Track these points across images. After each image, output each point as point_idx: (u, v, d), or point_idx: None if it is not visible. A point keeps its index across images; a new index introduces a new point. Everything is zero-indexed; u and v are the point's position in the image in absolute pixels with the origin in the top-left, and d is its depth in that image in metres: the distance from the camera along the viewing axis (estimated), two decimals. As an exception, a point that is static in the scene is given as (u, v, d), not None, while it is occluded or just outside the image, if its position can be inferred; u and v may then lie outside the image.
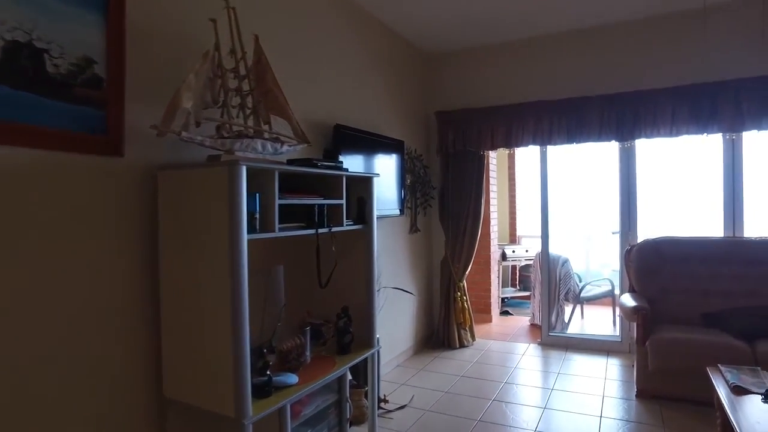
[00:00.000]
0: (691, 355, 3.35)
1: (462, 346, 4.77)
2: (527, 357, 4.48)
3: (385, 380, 3.91)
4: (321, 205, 2.41)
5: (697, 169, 5.43)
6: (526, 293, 6.77)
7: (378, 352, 3.16)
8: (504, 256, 6.63)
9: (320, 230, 2.38)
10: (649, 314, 3.57)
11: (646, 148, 4.53)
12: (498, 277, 6.59)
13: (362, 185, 2.80)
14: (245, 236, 1.88)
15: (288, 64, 2.97)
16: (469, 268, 4.82)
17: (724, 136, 4.07)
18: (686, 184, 5.66)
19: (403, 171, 4.27)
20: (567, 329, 5.53)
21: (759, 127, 3.82)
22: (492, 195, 6.23)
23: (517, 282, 7.32)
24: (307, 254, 2.63)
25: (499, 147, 4.57)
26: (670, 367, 3.43)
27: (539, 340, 4.88)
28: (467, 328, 4.84)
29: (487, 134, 4.57)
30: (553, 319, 5.57)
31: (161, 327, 2.10)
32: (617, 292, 6.15)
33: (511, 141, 4.50)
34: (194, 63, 2.02)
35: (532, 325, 5.84)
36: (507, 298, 6.93)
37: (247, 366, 1.90)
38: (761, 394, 2.43)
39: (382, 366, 4.04)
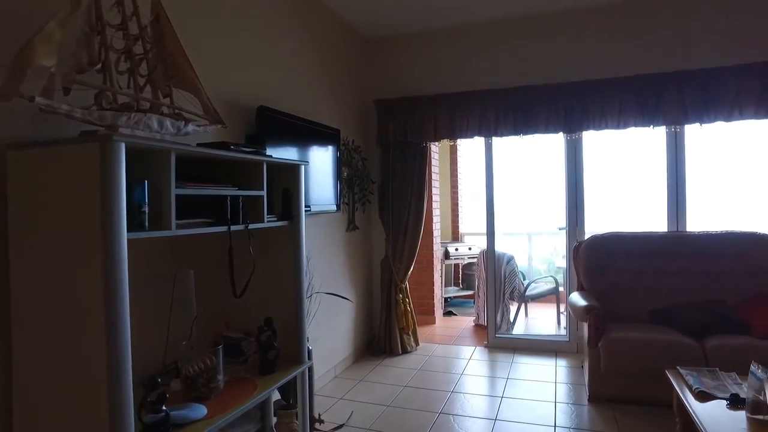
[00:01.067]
0: (645, 356, 3.19)
1: (405, 352, 4.45)
2: (474, 362, 4.22)
3: (320, 395, 3.52)
4: (235, 197, 1.99)
5: (642, 163, 5.39)
6: (470, 292, 6.57)
7: (310, 367, 2.77)
8: (447, 255, 6.38)
9: (233, 227, 1.96)
10: (601, 314, 3.38)
11: (592, 141, 4.38)
12: (441, 276, 6.34)
13: (288, 175, 2.40)
14: (125, 235, 1.43)
15: (200, 30, 2.51)
16: (411, 269, 4.51)
17: (668, 130, 3.96)
18: (632, 178, 5.62)
19: (339, 163, 3.89)
20: (513, 329, 5.34)
21: (701, 121, 3.74)
22: (434, 191, 5.97)
23: (461, 281, 7.10)
24: (225, 255, 2.19)
25: (443, 138, 4.27)
26: (623, 368, 3.25)
27: (486, 342, 4.64)
28: (410, 333, 4.52)
29: (430, 124, 4.27)
30: (499, 318, 5.37)
31: (12, 355, 1.60)
32: (561, 289, 6.07)
33: (455, 132, 4.22)
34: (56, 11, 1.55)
35: (477, 326, 5.62)
36: (450, 297, 6.70)
37: (130, 402, 1.45)
38: (726, 399, 2.23)
39: (318, 379, 3.64)
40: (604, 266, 3.87)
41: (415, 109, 4.31)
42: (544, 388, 3.59)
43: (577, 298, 3.64)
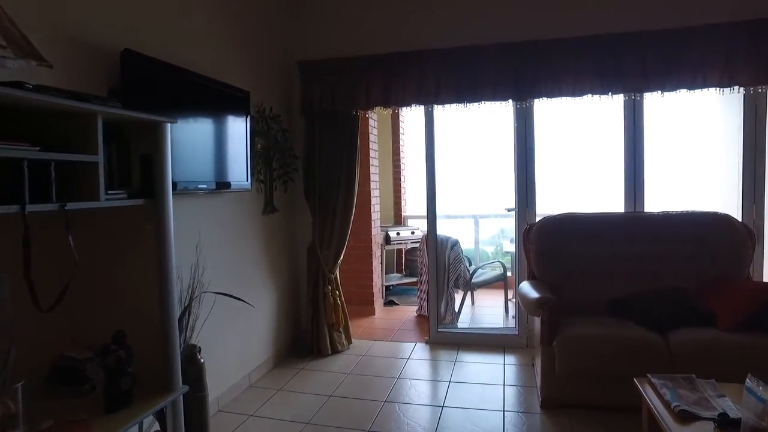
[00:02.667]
0: (606, 355, 2.77)
1: (335, 351, 3.88)
2: (414, 362, 3.71)
3: (226, 412, 2.91)
4: (35, 162, 1.33)
5: (598, 138, 4.99)
6: (413, 279, 6.07)
7: (201, 396, 2.17)
8: (387, 240, 5.84)
9: (34, 207, 1.31)
10: (556, 308, 2.92)
11: (544, 112, 3.90)
12: (381, 263, 5.81)
13: (149, 137, 1.74)
14: None
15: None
16: (341, 257, 3.93)
17: (626, 98, 3.53)
18: (587, 155, 5.22)
19: (253, 133, 3.24)
20: (458, 320, 4.88)
21: (662, 88, 3.32)
22: (373, 170, 5.39)
23: (403, 267, 6.60)
24: (60, 247, 1.54)
25: (376, 106, 3.68)
26: (581, 369, 2.81)
27: (427, 338, 4.14)
28: (341, 330, 3.96)
29: (361, 90, 3.66)
30: (443, 309, 4.90)
31: None
32: (510, 274, 5.67)
33: (389, 99, 3.63)
34: None
35: (420, 317, 5.14)
36: (392, 285, 6.18)
37: None
38: (713, 420, 1.79)
39: (227, 391, 3.03)
40: (558, 251, 3.42)
41: (345, 72, 3.70)
42: (492, 393, 3.12)
43: (528, 290, 3.17)
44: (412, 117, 6.86)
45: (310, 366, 3.65)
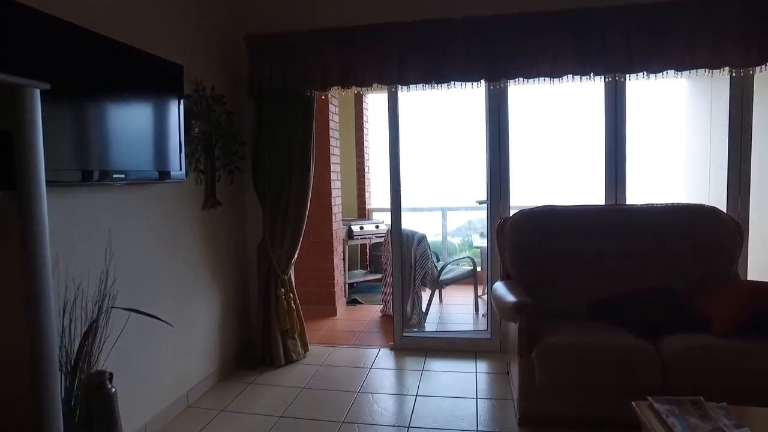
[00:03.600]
0: (592, 365, 2.46)
1: (290, 361, 3.46)
2: (376, 372, 3.32)
3: (156, 442, 2.46)
4: None
5: (576, 126, 4.67)
6: (378, 276, 5.68)
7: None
8: (350, 234, 5.43)
9: None
10: (535, 313, 2.57)
11: (519, 98, 3.55)
12: (344, 259, 5.39)
13: (5, 108, 1.28)
14: None
15: None
16: (295, 255, 3.49)
17: (607, 80, 3.21)
18: (564, 143, 4.90)
19: (187, 114, 2.76)
20: (425, 320, 4.53)
21: (648, 69, 3.00)
22: (334, 160, 4.96)
23: (368, 263, 6.20)
24: None
25: (333, 86, 3.25)
26: (564, 381, 2.49)
27: (391, 343, 3.75)
28: (297, 337, 3.53)
29: (316, 68, 3.22)
30: (409, 308, 4.53)
31: None
32: (479, 269, 5.34)
33: (348, 78, 3.20)
34: None
35: (385, 316, 4.76)
36: (356, 282, 5.78)
37: None
38: (733, 459, 1.46)
39: (159, 413, 2.58)
40: (535, 248, 3.08)
41: (298, 48, 3.24)
42: (463, 409, 2.76)
43: (503, 292, 2.82)
44: (377, 104, 6.45)
45: (260, 379, 3.21)
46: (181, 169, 2.61)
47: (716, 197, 4.97)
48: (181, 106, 2.62)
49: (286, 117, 3.33)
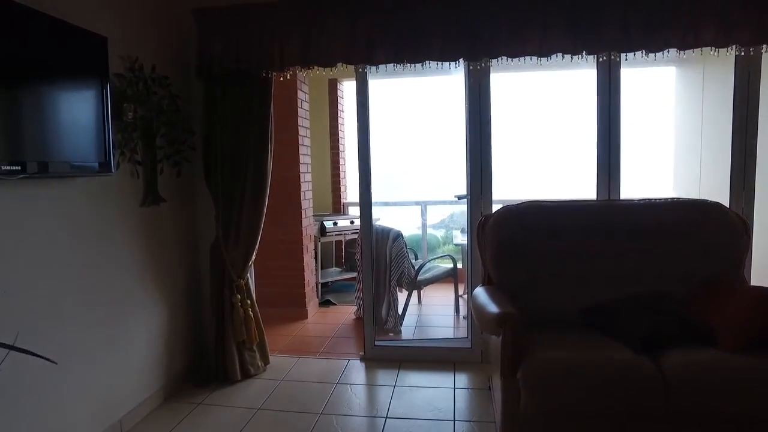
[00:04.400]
0: (586, 385, 2.10)
1: (247, 376, 3.07)
2: (344, 388, 2.94)
3: (74, 484, 2.06)
4: None
5: (565, 114, 4.30)
6: (353, 274, 5.30)
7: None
8: (323, 231, 5.03)
9: None
10: (521, 325, 2.21)
11: (502, 83, 3.18)
12: (316, 257, 5.01)
13: None
14: None
15: None
16: (253, 257, 3.10)
17: (600, 61, 2.86)
18: (551, 133, 4.54)
19: (116, 96, 2.34)
20: (401, 324, 4.17)
21: (647, 47, 2.64)
22: (303, 151, 4.56)
23: (343, 261, 5.82)
24: None
25: (292, 65, 2.84)
26: (555, 405, 2.14)
27: (362, 353, 3.38)
28: (255, 348, 3.14)
29: (274, 45, 2.81)
30: (384, 311, 4.18)
31: None
32: (460, 266, 4.99)
33: (309, 56, 2.80)
34: None
35: (359, 319, 4.39)
36: (330, 282, 5.39)
37: None
38: None
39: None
40: (520, 249, 2.72)
41: (253, 22, 2.83)
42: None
43: (484, 300, 2.46)
44: (354, 93, 6.04)
45: (211, 398, 2.82)
46: (106, 159, 2.19)
47: (709, 193, 4.68)
48: (108, 87, 2.20)
49: (240, 101, 2.92)
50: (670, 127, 5.48)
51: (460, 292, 4.73)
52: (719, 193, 3.14)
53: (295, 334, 4.10)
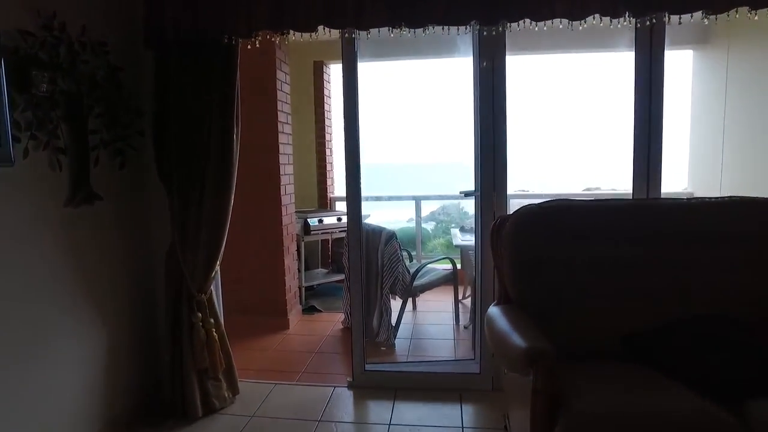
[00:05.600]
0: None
1: (210, 411, 2.49)
2: (327, 427, 2.38)
3: None
4: None
5: (591, 99, 3.75)
6: (341, 276, 4.74)
7: None
8: (306, 229, 4.45)
9: None
10: (555, 364, 1.66)
11: (516, 67, 2.60)
12: (299, 258, 4.43)
13: None
14: None
15: None
16: (216, 266, 2.51)
17: (639, 27, 2.30)
18: (575, 115, 3.99)
19: (15, 59, 1.74)
20: (395, 336, 3.62)
21: (712, 6, 2.07)
22: (284, 139, 3.97)
23: (330, 261, 5.24)
24: None
25: (262, 28, 2.23)
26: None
27: (350, 379, 2.81)
28: (221, 376, 2.56)
29: (239, 5, 2.21)
30: (375, 323, 3.64)
31: None
32: (459, 266, 4.43)
33: (282, 18, 2.20)
34: None
35: (347, 330, 3.84)
36: (315, 285, 4.82)
37: None
38: None
39: None
40: (545, 259, 2.16)
41: (214, -26, 2.22)
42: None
43: (504, 327, 1.91)
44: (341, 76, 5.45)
45: (162, 444, 2.25)
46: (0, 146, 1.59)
47: (731, 188, 4.16)
48: None
49: (198, 75, 2.31)
50: (685, 116, 4.97)
51: (460, 295, 4.20)
52: (745, 190, 2.62)
53: (274, 349, 3.53)
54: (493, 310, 2.14)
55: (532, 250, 2.17)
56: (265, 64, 3.75)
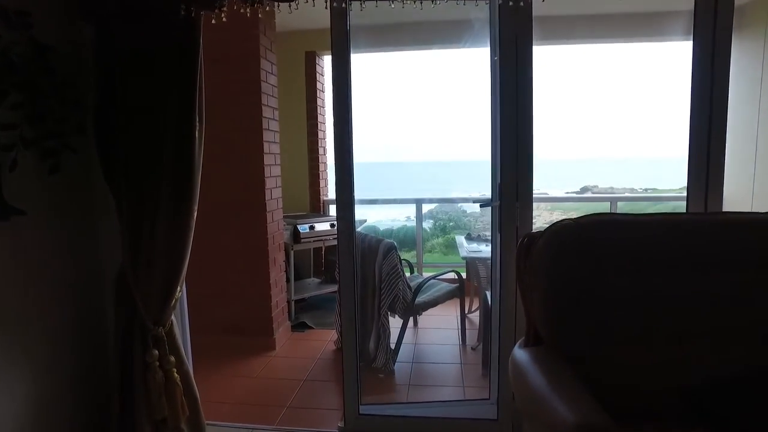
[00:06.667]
0: None
1: (169, 470, 2.01)
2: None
3: None
4: None
5: (628, 86, 3.28)
6: (334, 288, 4.28)
7: None
8: (296, 237, 3.97)
9: None
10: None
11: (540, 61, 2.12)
12: (288, 269, 3.96)
13: None
14: None
15: None
16: (176, 293, 2.01)
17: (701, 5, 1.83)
18: (608, 107, 3.52)
19: None
20: (395, 362, 3.16)
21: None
22: (269, 137, 3.48)
23: (323, 269, 4.77)
24: None
25: (229, -4, 1.75)
26: None
27: (341, 424, 2.33)
28: (184, 426, 2.08)
29: (200, -36, 1.72)
30: (372, 346, 3.18)
31: None
32: (462, 276, 3.96)
33: (257, -18, 1.71)
34: None
35: (340, 351, 3.35)
36: (306, 298, 4.34)
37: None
38: None
39: None
40: (588, 291, 1.68)
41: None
42: None
43: (539, 383, 1.44)
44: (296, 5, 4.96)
45: None
46: None
47: (764, 193, 3.72)
48: None
49: (150, 56, 1.82)
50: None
51: (466, 309, 3.76)
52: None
53: (256, 376, 3.07)
54: (522, 356, 1.67)
55: (572, 279, 1.69)
56: (247, 50, 3.26)
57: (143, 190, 1.88)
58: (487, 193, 2.24)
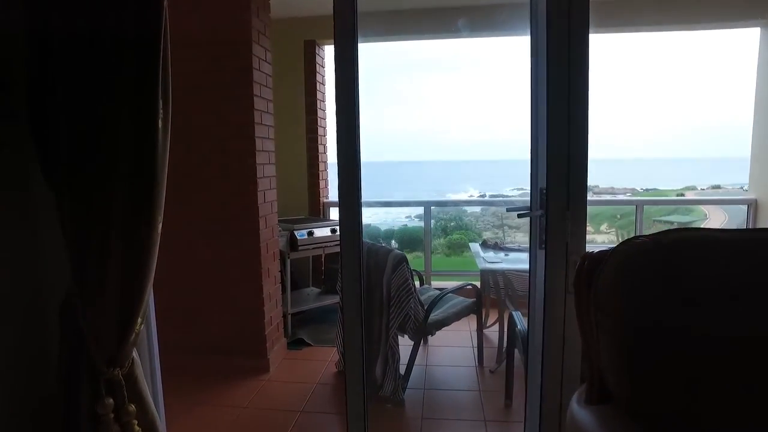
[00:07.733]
0: None
1: None
2: None
3: None
4: None
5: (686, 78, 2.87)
6: (335, 299, 3.86)
7: None
8: (293, 244, 3.54)
9: None
10: None
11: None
12: (284, 279, 3.53)
13: None
14: None
15: None
16: (136, 327, 1.57)
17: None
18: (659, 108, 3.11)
19: None
20: (405, 390, 2.73)
21: None
22: (261, 133, 3.05)
23: (322, 278, 4.33)
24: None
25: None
26: None
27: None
28: (148, 491, 1.64)
29: None
30: (379, 371, 2.75)
31: None
32: (478, 284, 3.53)
33: None
34: None
35: (342, 375, 2.93)
36: (304, 311, 3.91)
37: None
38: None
39: None
40: (675, 333, 1.25)
41: None
42: None
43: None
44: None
45: None
46: None
47: None
48: None
49: (95, 18, 1.38)
50: (749, 104, 4.08)
51: (490, 327, 3.33)
52: None
53: (246, 406, 2.64)
54: (585, 419, 1.23)
55: (652, 314, 1.25)
56: (236, 33, 2.83)
57: (90, 193, 1.44)
58: (498, 191, 1.82)
